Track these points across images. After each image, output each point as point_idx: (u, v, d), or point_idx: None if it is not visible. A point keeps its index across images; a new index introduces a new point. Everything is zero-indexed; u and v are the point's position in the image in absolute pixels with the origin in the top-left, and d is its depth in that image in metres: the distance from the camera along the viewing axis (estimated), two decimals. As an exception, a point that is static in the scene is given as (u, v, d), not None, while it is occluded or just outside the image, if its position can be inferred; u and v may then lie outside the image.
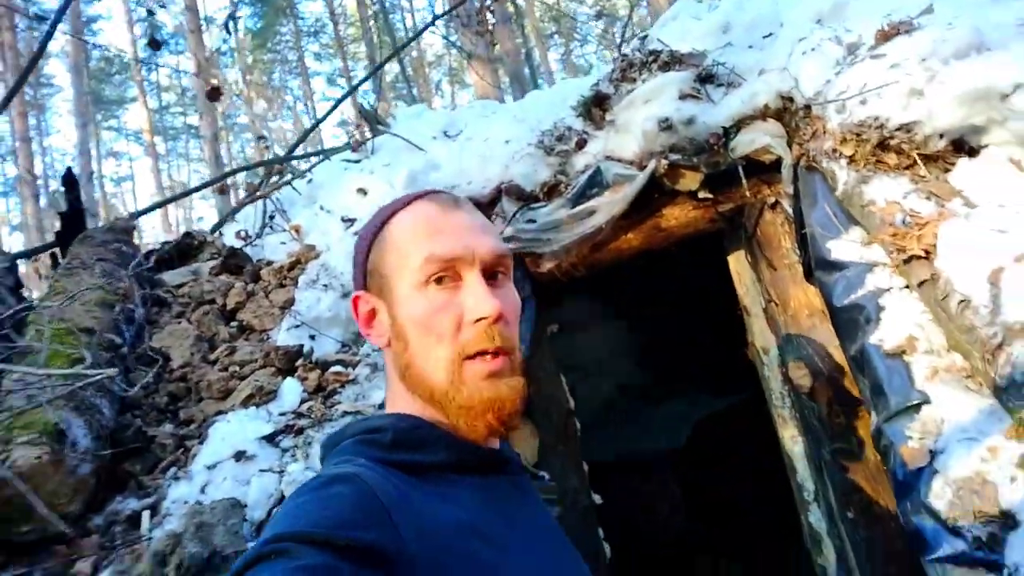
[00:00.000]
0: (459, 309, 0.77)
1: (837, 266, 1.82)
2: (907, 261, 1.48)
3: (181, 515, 1.60)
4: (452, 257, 0.77)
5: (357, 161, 3.44)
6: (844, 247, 1.83)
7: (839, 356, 2.38)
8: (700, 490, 5.17)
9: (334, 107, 4.24)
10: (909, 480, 1.34)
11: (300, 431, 1.78)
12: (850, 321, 1.71)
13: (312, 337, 2.20)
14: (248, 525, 1.56)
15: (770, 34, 2.50)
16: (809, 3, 2.39)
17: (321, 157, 3.45)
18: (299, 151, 3.90)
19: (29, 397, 1.74)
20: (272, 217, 3.43)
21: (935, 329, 1.47)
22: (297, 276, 2.43)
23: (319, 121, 4.09)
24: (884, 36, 1.92)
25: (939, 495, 1.26)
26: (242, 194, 3.99)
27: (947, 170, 1.67)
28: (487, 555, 0.68)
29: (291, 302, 2.31)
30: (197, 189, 3.77)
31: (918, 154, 1.67)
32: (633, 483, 5.17)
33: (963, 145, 1.67)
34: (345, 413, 1.81)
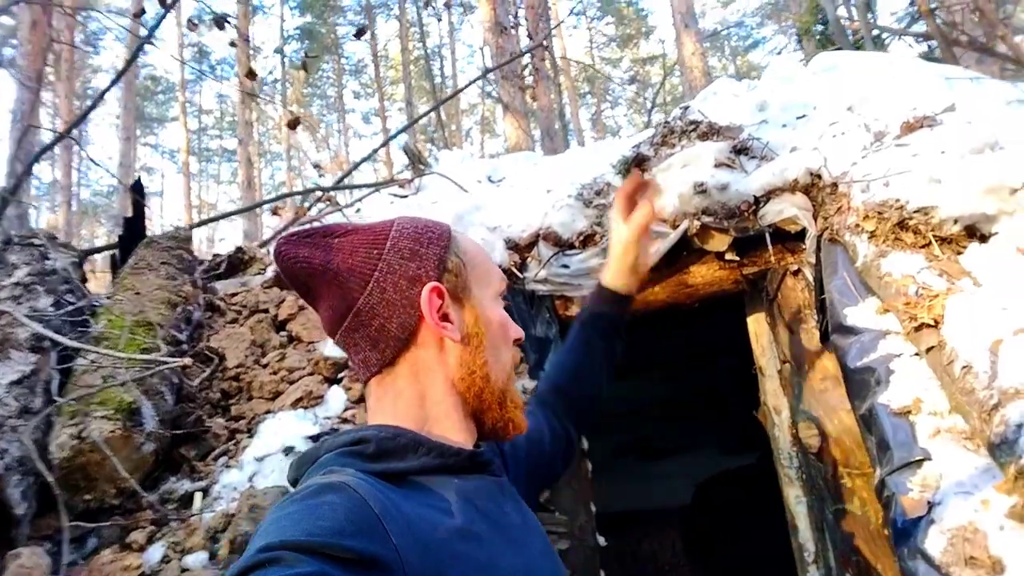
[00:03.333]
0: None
1: (853, 331, 1.97)
2: (917, 329, 1.64)
3: (233, 498, 1.74)
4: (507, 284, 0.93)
5: (404, 196, 3.66)
6: (860, 314, 1.98)
7: (848, 419, 2.50)
8: (703, 546, 5.20)
9: (384, 144, 4.51)
10: (907, 528, 1.46)
11: (344, 434, 1.93)
12: (862, 382, 1.85)
13: (356, 352, 2.37)
14: (294, 513, 1.69)
15: (803, 116, 2.71)
16: (842, 92, 2.61)
17: (373, 188, 3.67)
18: (345, 183, 4.14)
19: (104, 378, 1.91)
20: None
21: (939, 393, 1.61)
22: (345, 295, 2.62)
23: (368, 156, 4.35)
24: (908, 128, 2.11)
25: (934, 542, 1.38)
26: (288, 216, 4.21)
27: (959, 252, 1.83)
28: (478, 554, 0.70)
29: (339, 318, 2.49)
30: (252, 208, 3.99)
31: (933, 235, 1.83)
32: (637, 534, 5.22)
33: (975, 231, 1.84)
34: (387, 422, 1.96)
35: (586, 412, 1.27)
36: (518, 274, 3.04)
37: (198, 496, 1.81)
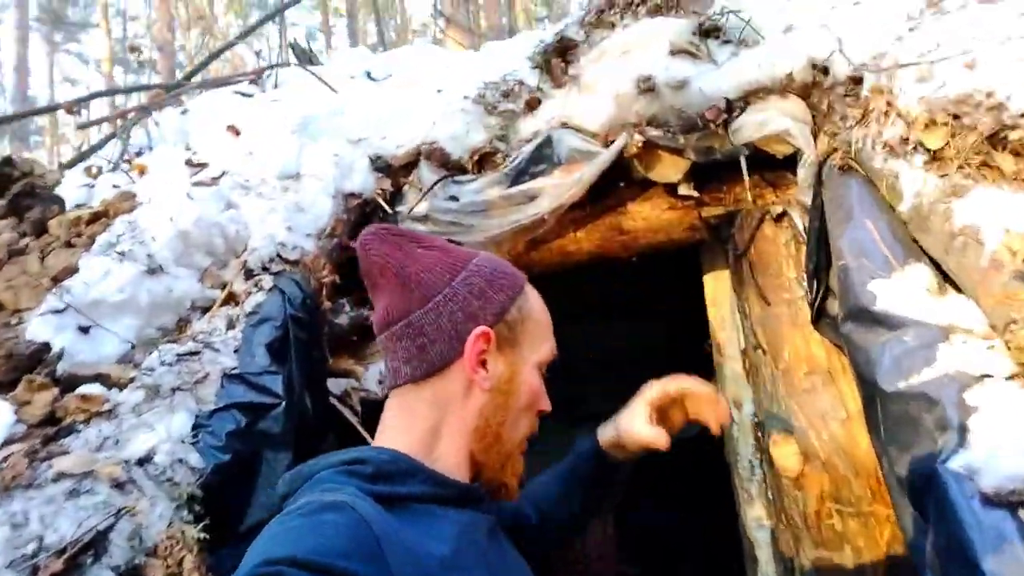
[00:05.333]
0: None
1: (885, 321, 1.15)
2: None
3: None
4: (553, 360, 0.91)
5: (249, 96, 2.66)
6: (899, 292, 1.16)
7: (842, 433, 1.74)
8: (638, 531, 4.55)
9: (253, 28, 3.44)
10: None
11: (-27, 501, 1.03)
12: (905, 419, 1.04)
13: (84, 330, 1.45)
14: None
15: (803, -19, 1.82)
16: (864, -58, 1.71)
17: (210, 86, 2.66)
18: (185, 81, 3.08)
19: None
20: (139, 153, 2.65)
21: (1089, 475, 0.80)
22: (97, 234, 1.67)
23: (228, 46, 3.28)
24: (993, -23, 1.24)
25: None
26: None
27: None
28: None
29: (71, 271, 1.55)
30: (40, 112, 2.87)
31: (1051, 159, 0.99)
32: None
33: (1115, 155, 1.01)
34: (60, 477, 1.07)
35: (554, 539, 1.14)
36: (387, 208, 2.12)
37: None
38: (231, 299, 1.65)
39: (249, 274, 1.70)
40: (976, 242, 0.99)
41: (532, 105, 2.12)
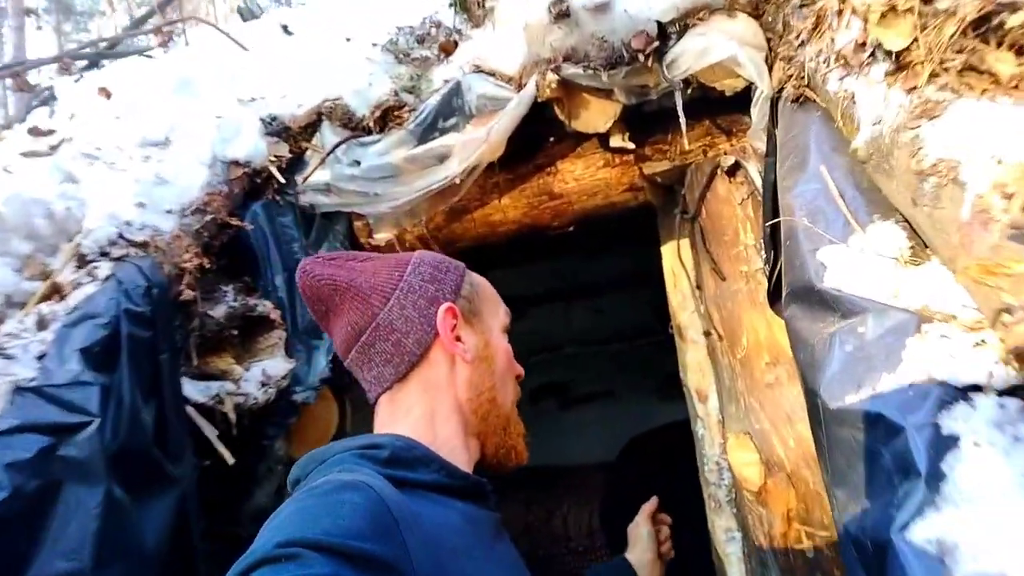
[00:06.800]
0: None
1: (835, 304, 0.82)
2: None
3: None
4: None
5: (154, 57, 2.34)
6: (857, 264, 0.82)
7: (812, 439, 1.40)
8: (625, 516, 4.26)
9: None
10: None
11: None
12: (855, 449, 0.74)
13: None
14: None
15: None
16: None
17: (96, 50, 2.34)
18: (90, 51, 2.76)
19: None
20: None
21: None
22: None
23: (139, 21, 2.93)
24: None
25: None
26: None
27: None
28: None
29: None
30: None
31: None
32: (545, 498, 4.27)
33: None
34: None
35: None
36: (280, 178, 1.80)
37: None
38: (55, 292, 1.35)
39: (83, 261, 1.40)
40: (954, 184, 0.65)
41: (447, 49, 1.78)
